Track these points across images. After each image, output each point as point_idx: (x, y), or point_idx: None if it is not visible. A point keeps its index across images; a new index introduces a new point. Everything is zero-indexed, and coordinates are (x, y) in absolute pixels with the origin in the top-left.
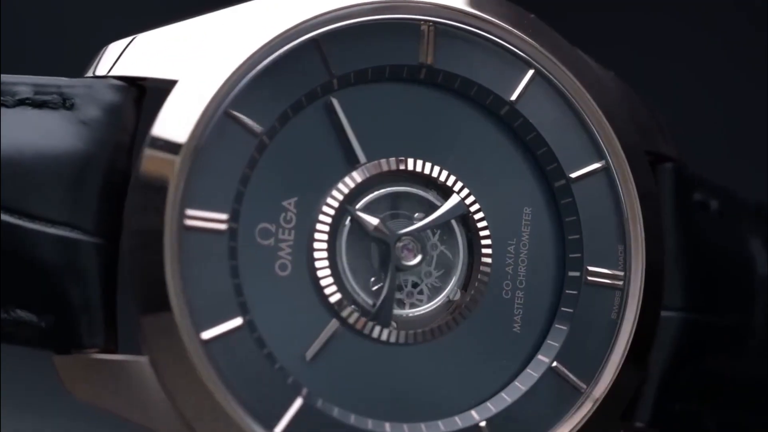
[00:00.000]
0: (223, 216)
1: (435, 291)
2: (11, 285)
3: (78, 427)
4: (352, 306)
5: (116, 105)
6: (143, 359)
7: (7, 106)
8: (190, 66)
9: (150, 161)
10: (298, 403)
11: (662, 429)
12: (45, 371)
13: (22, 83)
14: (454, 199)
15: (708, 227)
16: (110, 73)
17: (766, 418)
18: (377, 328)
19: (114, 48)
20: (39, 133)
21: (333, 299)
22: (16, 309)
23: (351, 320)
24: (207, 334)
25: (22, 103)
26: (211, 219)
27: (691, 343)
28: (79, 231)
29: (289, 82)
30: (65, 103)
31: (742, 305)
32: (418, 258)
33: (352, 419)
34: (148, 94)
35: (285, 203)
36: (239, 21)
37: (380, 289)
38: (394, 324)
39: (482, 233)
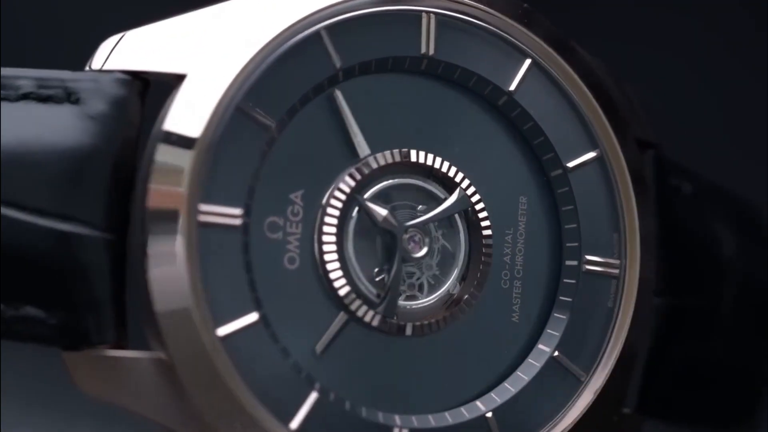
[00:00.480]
0: (237, 211)
1: (435, 284)
2: (19, 281)
3: (82, 423)
4: (359, 298)
5: (122, 99)
6: (156, 355)
7: (9, 101)
8: (198, 60)
9: (163, 156)
10: (312, 397)
11: (647, 414)
12: (47, 367)
13: (25, 77)
14: (459, 193)
15: (682, 211)
16: (115, 67)
17: (740, 399)
18: (387, 321)
19: (116, 42)
20: (45, 128)
21: (342, 292)
22: (25, 306)
23: (359, 313)
24: (224, 330)
25: (25, 97)
26: (225, 214)
27: (672, 328)
28: (88, 226)
29: (297, 75)
30: (70, 97)
31: (715, 288)
32: (425, 250)
33: (364, 412)
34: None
35: (292, 196)
36: (244, 14)
37: (383, 281)
38: (395, 316)
39: (483, 224)
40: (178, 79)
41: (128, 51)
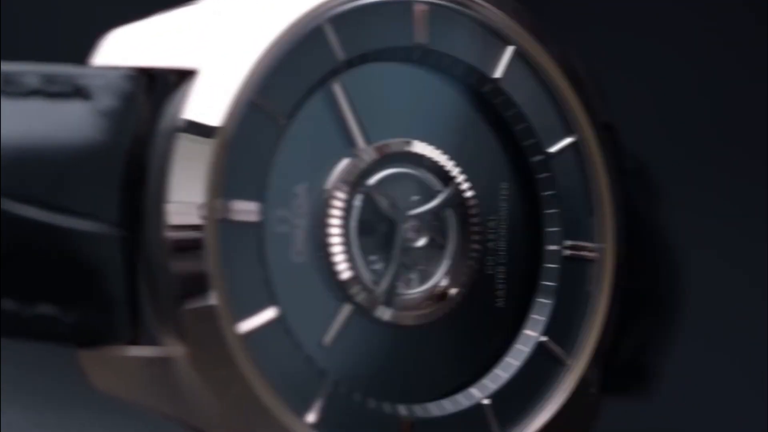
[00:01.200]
0: (254, 206)
1: (425, 274)
2: (33, 279)
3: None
4: (365, 290)
5: (132, 94)
6: (171, 351)
7: (16, 97)
8: (208, 55)
9: (183, 150)
10: (326, 389)
11: (608, 394)
12: (49, 365)
13: (30, 72)
14: (455, 183)
15: (631, 192)
16: (120, 63)
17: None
18: (387, 311)
19: (117, 38)
20: (56, 124)
21: (348, 284)
22: (39, 304)
23: (365, 304)
24: (245, 326)
25: (33, 93)
26: (243, 210)
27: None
28: (104, 223)
29: (304, 69)
30: (80, 92)
31: (656, 271)
32: (423, 240)
33: (372, 403)
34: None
35: (296, 189)
36: (246, 9)
37: (379, 270)
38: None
39: (473, 211)
40: (183, 74)
41: (131, 47)
